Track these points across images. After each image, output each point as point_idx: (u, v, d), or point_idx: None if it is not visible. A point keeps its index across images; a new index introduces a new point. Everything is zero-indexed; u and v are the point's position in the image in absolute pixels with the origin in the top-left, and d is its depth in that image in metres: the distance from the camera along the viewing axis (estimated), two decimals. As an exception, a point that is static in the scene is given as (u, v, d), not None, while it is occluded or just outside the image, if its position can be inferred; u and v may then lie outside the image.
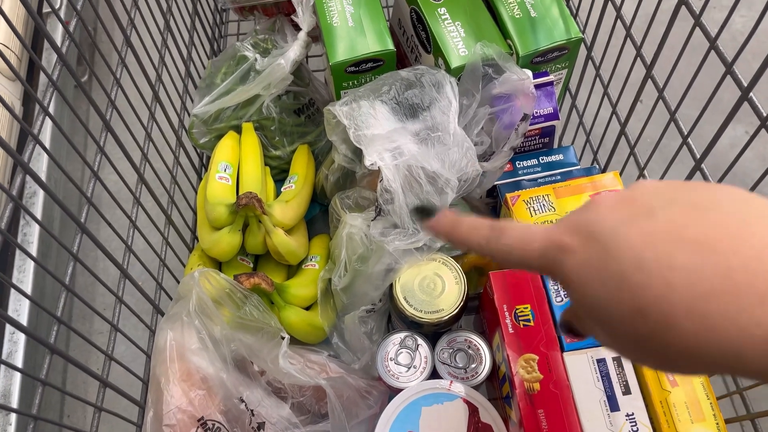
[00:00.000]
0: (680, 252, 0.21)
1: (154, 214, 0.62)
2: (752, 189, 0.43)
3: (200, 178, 0.79)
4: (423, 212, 0.35)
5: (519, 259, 0.28)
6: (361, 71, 0.66)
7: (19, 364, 0.78)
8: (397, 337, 0.63)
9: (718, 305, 0.20)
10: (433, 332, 0.63)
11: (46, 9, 1.15)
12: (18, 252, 0.92)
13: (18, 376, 0.73)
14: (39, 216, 0.96)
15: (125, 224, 0.57)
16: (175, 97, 0.73)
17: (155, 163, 0.63)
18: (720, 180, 0.48)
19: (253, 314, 0.56)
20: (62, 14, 1.10)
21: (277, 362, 0.54)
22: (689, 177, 0.51)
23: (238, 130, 0.75)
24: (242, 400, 0.57)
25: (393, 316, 0.66)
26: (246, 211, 0.62)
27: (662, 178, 0.59)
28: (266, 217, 0.64)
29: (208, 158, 0.76)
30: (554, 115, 0.64)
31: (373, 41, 0.65)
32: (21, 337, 0.75)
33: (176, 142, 0.70)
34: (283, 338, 0.54)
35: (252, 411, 0.57)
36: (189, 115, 0.75)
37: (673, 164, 0.55)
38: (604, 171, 0.67)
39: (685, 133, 0.50)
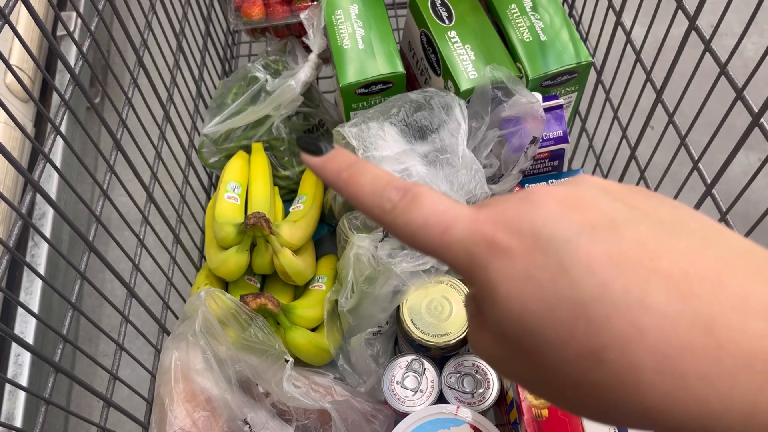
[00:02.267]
0: (655, 289, 0.17)
1: (162, 233, 0.62)
2: (763, 216, 0.42)
3: (209, 198, 0.79)
4: (311, 144, 0.25)
5: (428, 245, 0.21)
6: (370, 93, 0.66)
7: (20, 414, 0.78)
8: (404, 360, 0.62)
9: (696, 365, 0.17)
10: (440, 356, 0.62)
11: (60, 32, 1.17)
12: (26, 273, 0.92)
13: (22, 397, 0.72)
14: (48, 236, 0.97)
15: (134, 244, 0.57)
16: (186, 117, 0.74)
17: (165, 182, 0.63)
18: (731, 207, 0.47)
19: (258, 336, 0.56)
20: (76, 35, 1.11)
21: (282, 385, 0.54)
22: (699, 203, 0.50)
23: (247, 150, 0.75)
24: (246, 422, 0.56)
25: (400, 339, 0.66)
26: (254, 231, 0.62)
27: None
28: (274, 237, 0.63)
29: (218, 178, 0.76)
30: (564, 139, 0.64)
31: (383, 63, 0.66)
32: (26, 359, 0.75)
33: (186, 162, 0.71)
34: (287, 361, 0.54)
35: (256, 433, 0.56)
36: (199, 134, 0.76)
37: (684, 190, 0.55)
38: (613, 195, 0.66)
39: (696, 158, 0.50)
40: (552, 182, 0.54)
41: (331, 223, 0.78)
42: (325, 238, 0.79)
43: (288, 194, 0.78)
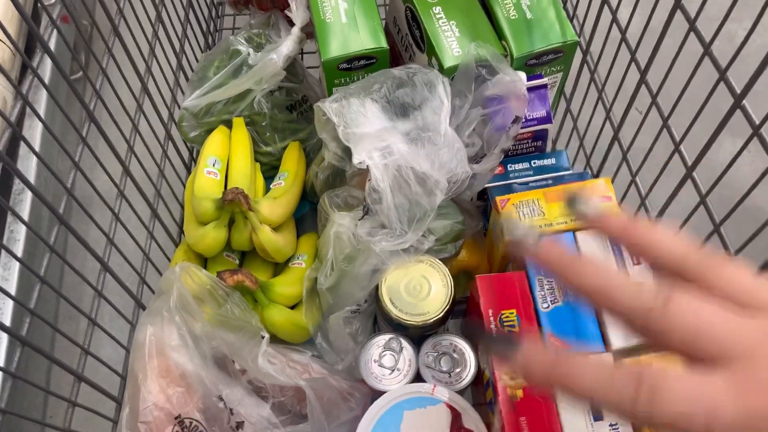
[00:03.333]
0: None
1: (139, 208, 0.61)
2: (742, 199, 0.42)
3: (189, 173, 0.78)
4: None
5: None
6: (353, 69, 0.65)
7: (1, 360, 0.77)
8: (382, 339, 0.62)
9: None
10: (418, 335, 0.62)
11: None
12: (5, 241, 0.91)
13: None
14: (27, 213, 0.95)
15: (112, 220, 0.56)
16: (166, 90, 0.73)
17: (143, 157, 0.62)
18: (710, 191, 0.47)
19: (234, 312, 0.55)
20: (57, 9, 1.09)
21: (257, 361, 0.54)
22: (680, 185, 0.50)
23: (228, 125, 0.74)
24: (221, 399, 0.56)
25: (378, 318, 0.65)
26: (232, 206, 0.62)
27: (653, 185, 0.58)
28: (252, 214, 0.63)
29: (198, 153, 0.75)
30: (547, 119, 0.64)
31: (367, 38, 0.65)
32: (3, 338, 0.75)
33: (165, 136, 0.70)
34: (263, 338, 0.53)
35: (231, 410, 0.56)
36: (179, 108, 0.74)
37: (666, 172, 0.55)
38: (596, 177, 0.66)
39: (677, 140, 0.50)
40: None
41: (313, 200, 0.77)
42: (307, 216, 0.79)
43: (269, 171, 0.77)
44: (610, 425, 0.50)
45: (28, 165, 0.97)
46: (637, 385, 0.21)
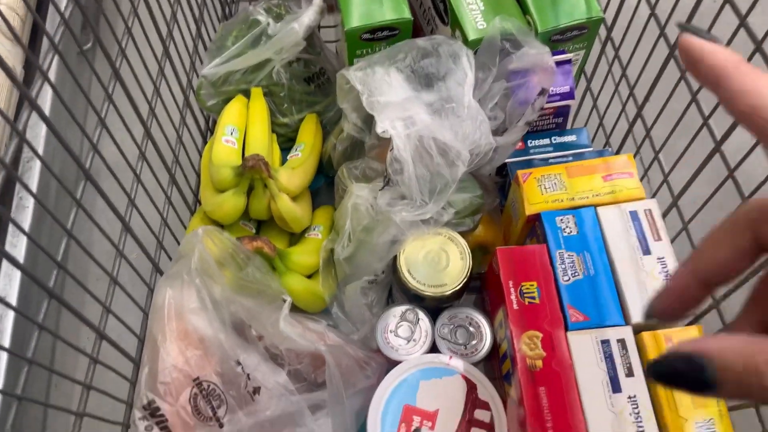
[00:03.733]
0: None
1: (158, 173, 0.61)
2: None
3: (205, 142, 0.78)
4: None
5: None
6: (376, 39, 0.65)
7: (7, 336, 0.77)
8: (398, 309, 0.62)
9: None
10: (434, 307, 0.62)
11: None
12: (14, 209, 0.90)
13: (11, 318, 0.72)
14: (37, 179, 0.94)
15: (129, 186, 0.56)
16: (185, 57, 0.72)
17: (162, 120, 0.62)
18: (738, 164, 0.47)
19: (255, 276, 0.55)
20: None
21: (278, 325, 0.54)
22: (708, 159, 0.50)
23: (246, 94, 0.74)
24: (239, 363, 0.56)
25: (395, 289, 0.65)
26: (252, 173, 0.61)
27: (675, 165, 0.58)
28: (272, 181, 0.62)
29: (215, 123, 0.75)
30: (570, 95, 0.63)
31: (390, 9, 0.64)
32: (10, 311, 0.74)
33: (183, 102, 0.69)
34: (284, 301, 0.53)
35: (248, 375, 0.56)
36: (198, 76, 0.74)
37: (692, 147, 0.54)
38: (617, 154, 0.66)
39: (706, 115, 0.50)
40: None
41: (329, 174, 0.77)
42: (322, 190, 0.78)
43: (285, 143, 0.77)
44: (629, 397, 0.50)
45: (37, 133, 0.97)
46: None
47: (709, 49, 0.22)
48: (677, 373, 0.18)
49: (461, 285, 0.59)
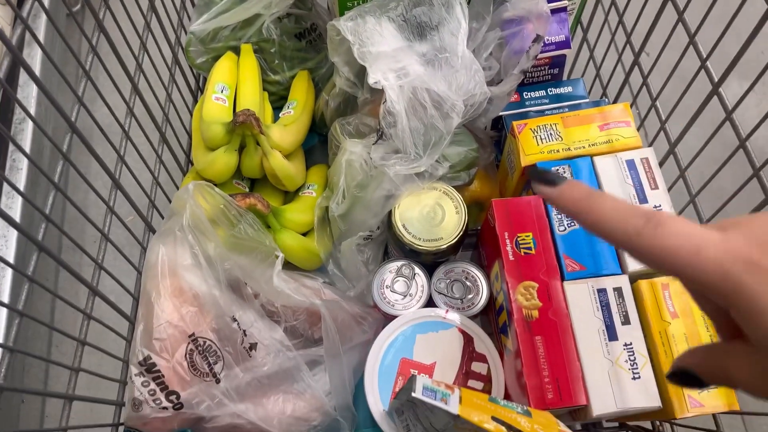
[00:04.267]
0: None
1: (149, 133, 0.60)
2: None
3: (196, 102, 0.77)
4: (543, 178, 0.27)
5: (680, 266, 0.23)
6: (367, -10, 0.63)
7: (7, 292, 0.77)
8: (394, 265, 0.62)
9: None
10: (430, 261, 0.62)
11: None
12: (7, 171, 0.90)
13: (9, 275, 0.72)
14: (29, 141, 0.94)
15: (118, 146, 0.55)
16: (173, 14, 0.70)
17: (151, 78, 0.60)
18: (736, 106, 0.46)
19: (248, 232, 0.54)
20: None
21: (272, 281, 0.53)
22: (704, 103, 0.49)
23: (236, 51, 0.72)
24: (234, 320, 0.55)
25: (390, 246, 0.65)
26: (243, 129, 0.60)
27: (673, 110, 0.57)
28: (264, 138, 0.62)
29: (205, 82, 0.73)
30: (566, 44, 0.62)
31: (381, -42, 0.62)
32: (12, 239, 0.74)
33: (172, 60, 0.68)
34: (277, 257, 0.53)
35: (244, 331, 0.56)
36: (186, 33, 0.72)
37: (688, 96, 0.53)
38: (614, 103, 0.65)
39: (704, 56, 0.48)
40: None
41: (322, 132, 0.76)
42: (316, 148, 0.78)
43: (277, 101, 0.76)
44: (625, 345, 0.50)
45: (28, 94, 0.95)
46: (646, 220, 0.24)
47: (557, 193, 0.26)
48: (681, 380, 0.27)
49: (457, 239, 0.59)
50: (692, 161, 0.54)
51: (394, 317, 0.59)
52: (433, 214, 0.60)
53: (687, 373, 0.26)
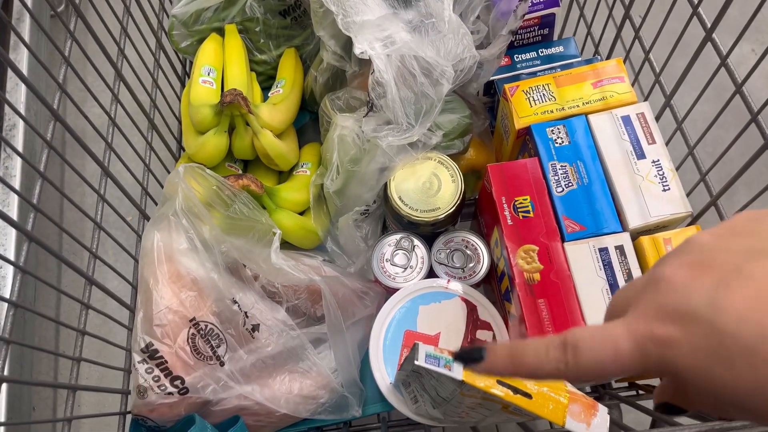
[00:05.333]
0: None
1: (137, 120, 0.59)
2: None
3: (183, 86, 0.76)
4: (468, 357, 0.27)
5: (608, 373, 0.24)
6: (348, -40, 0.62)
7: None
8: (393, 238, 0.61)
9: None
10: (429, 233, 0.61)
11: None
12: (1, 173, 0.89)
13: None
14: (21, 141, 0.93)
15: (108, 124, 0.54)
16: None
17: (135, 64, 0.59)
18: (731, 49, 0.45)
19: (243, 212, 0.54)
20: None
21: (270, 259, 0.53)
22: (699, 51, 0.48)
23: (220, 33, 0.71)
24: (235, 302, 0.55)
25: (388, 219, 0.64)
26: (231, 109, 0.59)
27: (667, 61, 0.56)
28: (253, 117, 0.61)
29: (191, 65, 0.72)
30: (554, 2, 0.61)
31: (361, -74, 0.61)
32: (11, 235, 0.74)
33: (156, 45, 0.67)
34: (274, 234, 0.52)
35: (246, 313, 0.56)
36: (168, 17, 0.71)
37: (681, 47, 0.52)
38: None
39: (695, 3, 0.47)
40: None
41: (313, 109, 0.75)
42: (308, 126, 0.77)
43: (266, 81, 0.75)
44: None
45: (17, 98, 0.95)
46: (563, 351, 0.24)
47: (488, 366, 0.27)
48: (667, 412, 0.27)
49: (454, 208, 0.58)
50: (689, 111, 0.53)
51: (395, 290, 0.58)
52: (429, 184, 0.59)
53: (669, 405, 0.27)
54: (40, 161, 0.44)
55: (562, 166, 0.54)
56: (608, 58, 0.65)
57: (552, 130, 0.55)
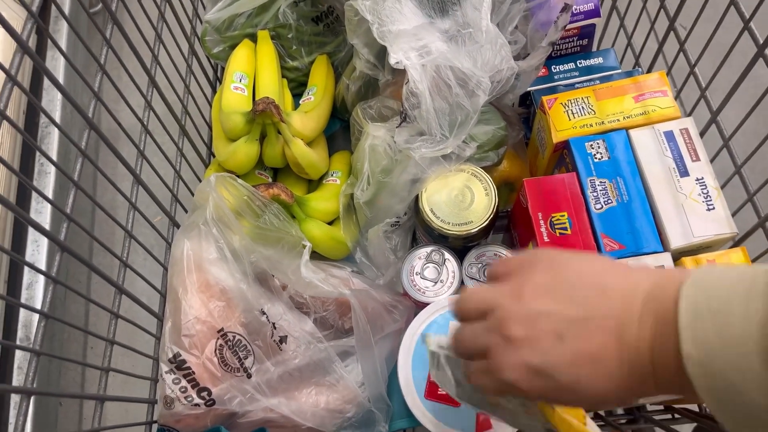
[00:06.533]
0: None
1: (168, 127, 0.59)
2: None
3: (215, 92, 0.76)
4: None
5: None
6: (384, -33, 0.61)
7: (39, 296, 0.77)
8: (423, 251, 0.60)
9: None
10: (461, 246, 0.60)
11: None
12: (36, 176, 0.90)
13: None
14: (56, 144, 0.94)
15: (140, 144, 0.54)
16: (188, 4, 0.69)
17: (168, 69, 0.59)
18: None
19: (273, 223, 0.53)
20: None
21: (299, 272, 0.52)
22: (749, 66, 0.46)
23: (253, 39, 0.71)
24: (263, 313, 0.54)
25: (418, 231, 0.63)
26: (263, 118, 0.59)
27: (714, 75, 0.54)
28: (285, 126, 0.60)
29: (222, 71, 0.72)
30: (595, 12, 0.59)
31: (398, -67, 0.60)
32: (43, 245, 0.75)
33: (188, 50, 0.66)
34: (304, 246, 0.52)
35: (274, 324, 0.55)
36: (201, 23, 0.71)
37: (728, 64, 0.50)
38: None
39: (747, 18, 0.45)
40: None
41: (344, 117, 0.74)
42: (338, 134, 0.76)
43: (297, 88, 0.74)
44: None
45: (53, 99, 0.96)
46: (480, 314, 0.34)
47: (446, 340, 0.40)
48: None
49: (487, 222, 0.56)
50: (738, 128, 0.51)
51: (425, 304, 0.57)
52: (461, 197, 0.58)
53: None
54: (74, 170, 0.44)
55: (601, 182, 0.52)
56: (649, 70, 0.63)
57: (591, 145, 0.53)
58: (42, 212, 0.88)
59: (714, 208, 0.50)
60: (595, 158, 0.53)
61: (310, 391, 0.57)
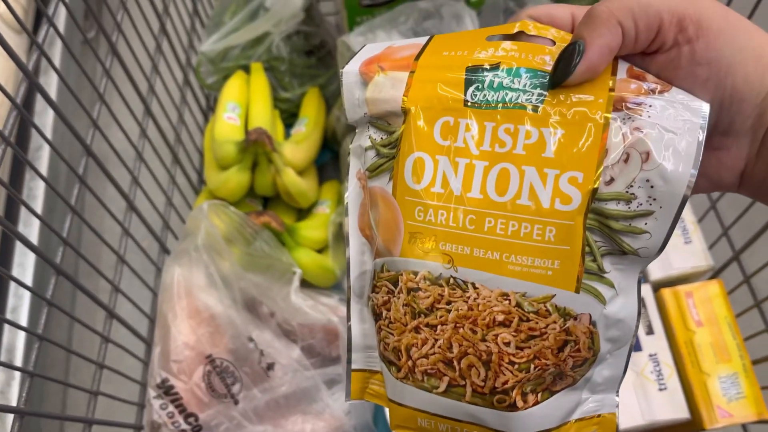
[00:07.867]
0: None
1: (161, 154, 0.60)
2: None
3: (207, 121, 0.77)
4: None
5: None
6: (376, 5, 0.63)
7: (25, 317, 0.77)
8: (411, 280, 0.61)
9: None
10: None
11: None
12: (25, 197, 0.90)
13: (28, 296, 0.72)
14: (45, 169, 0.94)
15: (132, 170, 0.55)
16: (183, 35, 0.71)
17: (162, 99, 0.61)
18: None
19: (264, 249, 0.54)
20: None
21: (289, 298, 0.53)
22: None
23: (246, 70, 0.72)
24: (251, 340, 0.55)
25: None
26: (255, 147, 0.60)
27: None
28: (276, 155, 0.61)
29: (216, 102, 0.74)
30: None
31: (389, -27, 0.62)
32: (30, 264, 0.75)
33: (183, 80, 0.68)
34: (294, 273, 0.52)
35: (261, 351, 0.55)
36: (196, 54, 0.73)
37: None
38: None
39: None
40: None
41: (334, 148, 0.76)
42: (328, 165, 0.77)
43: (289, 118, 0.76)
44: (649, 355, 0.49)
45: (45, 121, 0.96)
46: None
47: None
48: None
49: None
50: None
51: (412, 333, 0.58)
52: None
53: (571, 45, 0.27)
54: (71, 196, 0.45)
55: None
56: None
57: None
58: (30, 236, 0.88)
59: (691, 242, 0.52)
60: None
61: (296, 419, 0.57)
